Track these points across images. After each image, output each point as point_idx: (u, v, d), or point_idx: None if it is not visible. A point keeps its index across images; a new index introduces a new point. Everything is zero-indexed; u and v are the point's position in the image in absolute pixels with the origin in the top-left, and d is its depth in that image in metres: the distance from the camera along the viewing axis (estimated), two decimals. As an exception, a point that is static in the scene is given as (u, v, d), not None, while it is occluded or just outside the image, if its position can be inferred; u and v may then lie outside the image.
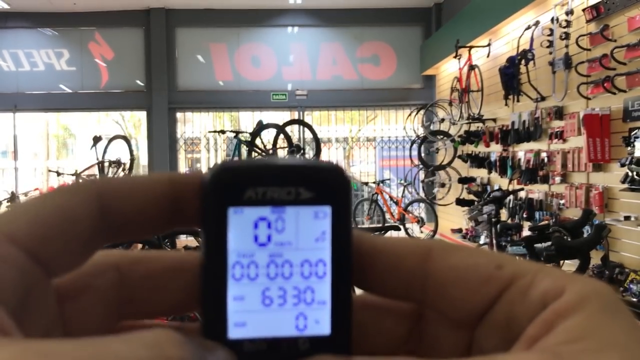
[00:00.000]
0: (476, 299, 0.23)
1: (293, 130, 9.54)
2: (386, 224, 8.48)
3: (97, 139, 8.00)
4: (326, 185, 0.24)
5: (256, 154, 7.12)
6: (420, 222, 9.02)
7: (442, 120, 8.52)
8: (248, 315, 0.23)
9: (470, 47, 7.18)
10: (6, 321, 0.19)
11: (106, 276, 0.24)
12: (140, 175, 0.24)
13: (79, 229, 0.22)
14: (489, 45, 6.95)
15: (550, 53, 5.26)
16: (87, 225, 0.23)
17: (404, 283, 0.24)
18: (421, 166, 8.86)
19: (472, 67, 7.20)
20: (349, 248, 0.24)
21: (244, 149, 7.23)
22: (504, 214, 6.04)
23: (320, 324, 0.24)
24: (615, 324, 0.20)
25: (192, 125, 10.54)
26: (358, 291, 0.27)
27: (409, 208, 9.21)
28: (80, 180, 0.23)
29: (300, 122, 9.52)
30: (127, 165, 8.09)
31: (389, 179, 10.17)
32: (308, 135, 9.05)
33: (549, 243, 3.16)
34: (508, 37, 6.56)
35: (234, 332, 0.23)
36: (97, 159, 7.99)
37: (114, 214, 0.23)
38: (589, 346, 0.19)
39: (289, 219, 0.24)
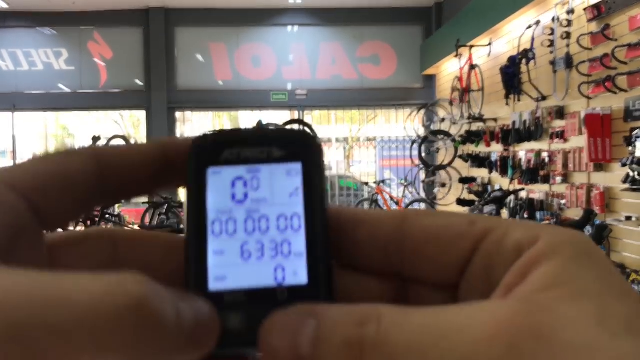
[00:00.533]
0: (452, 254, 0.24)
1: (293, 130, 9.53)
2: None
3: (96, 139, 7.99)
4: (296, 144, 0.26)
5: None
6: (421, 222, 9.01)
7: (443, 120, 8.52)
8: (228, 268, 0.24)
9: (471, 47, 7.17)
10: None
11: (101, 245, 0.25)
12: (131, 144, 0.26)
13: (75, 185, 0.24)
14: (489, 44, 6.95)
15: (551, 52, 5.25)
16: (83, 182, 0.24)
17: (383, 249, 0.25)
18: (422, 166, 8.85)
19: (472, 67, 7.19)
20: (322, 202, 0.26)
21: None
22: (504, 214, 6.03)
23: (298, 274, 0.25)
24: (589, 270, 0.20)
25: (192, 124, 10.53)
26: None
27: (410, 208, 9.20)
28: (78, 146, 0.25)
29: (300, 121, 9.51)
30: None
31: (389, 179, 10.16)
32: (308, 135, 9.04)
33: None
34: (509, 36, 6.55)
35: (214, 285, 0.24)
36: (97, 158, 7.99)
37: (110, 173, 0.25)
38: (563, 294, 0.19)
39: (263, 176, 0.26)
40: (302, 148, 0.26)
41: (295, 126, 9.43)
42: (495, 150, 6.83)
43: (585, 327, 0.18)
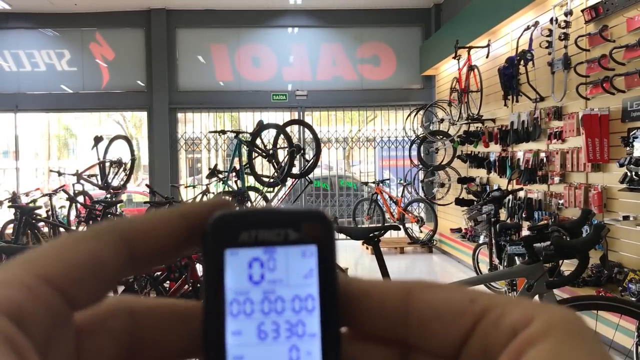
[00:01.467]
0: (453, 331, 0.25)
1: (293, 131, 9.56)
2: (386, 224, 8.49)
3: (98, 139, 8.02)
4: (311, 226, 0.26)
5: (256, 154, 7.13)
6: (420, 221, 9.04)
7: (442, 120, 8.54)
8: (245, 348, 0.25)
9: (470, 48, 7.20)
10: (30, 352, 0.21)
11: (121, 319, 0.26)
12: (155, 213, 0.27)
13: (107, 270, 0.24)
14: (488, 45, 6.96)
15: (550, 53, 5.27)
16: (114, 266, 0.25)
17: (389, 321, 0.26)
18: (421, 166, 8.88)
19: (471, 68, 7.21)
20: (335, 283, 0.26)
21: (244, 149, 7.24)
22: (503, 214, 6.06)
23: (311, 355, 0.26)
24: (580, 350, 0.21)
25: (193, 125, 10.55)
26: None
27: (409, 208, 9.23)
28: (105, 224, 0.26)
29: (301, 122, 9.54)
30: (128, 166, 8.11)
31: (388, 179, 10.18)
32: (308, 135, 9.07)
33: (548, 243, 3.17)
34: (507, 37, 6.58)
35: None
36: (98, 159, 8.01)
37: (139, 252, 0.26)
38: None
39: (279, 258, 0.26)
40: (317, 230, 0.27)
41: (297, 126, 9.35)
42: (494, 150, 6.86)
43: None
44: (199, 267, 4.88)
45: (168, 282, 4.49)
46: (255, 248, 0.26)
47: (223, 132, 7.85)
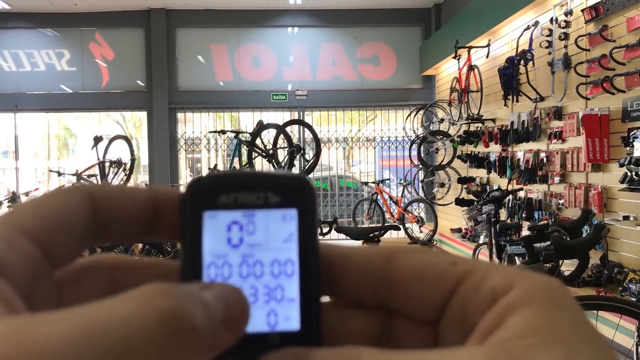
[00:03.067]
0: (434, 293, 0.25)
1: (293, 131, 9.56)
2: (386, 224, 8.49)
3: (97, 139, 8.01)
4: (292, 190, 0.26)
5: (256, 154, 7.13)
6: (420, 221, 9.03)
7: (442, 120, 8.54)
8: None
9: (470, 48, 7.20)
10: (14, 299, 0.21)
11: (100, 273, 0.27)
12: (127, 186, 0.27)
13: (76, 224, 0.25)
14: (488, 45, 6.96)
15: (550, 53, 5.27)
16: (82, 220, 0.25)
17: (371, 285, 0.26)
18: (421, 166, 8.87)
19: (471, 68, 7.20)
20: (315, 248, 0.26)
21: (244, 149, 7.24)
22: (503, 214, 6.06)
23: (290, 320, 0.25)
24: (561, 318, 0.21)
25: (193, 125, 10.55)
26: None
27: (409, 208, 9.23)
28: (77, 184, 0.26)
29: (301, 122, 9.54)
30: (128, 166, 8.10)
31: (388, 179, 10.18)
32: (308, 135, 9.07)
33: (548, 243, 3.17)
34: (507, 37, 6.58)
35: None
36: (98, 159, 8.00)
37: (103, 213, 0.26)
38: (536, 341, 0.20)
39: (259, 221, 0.26)
40: (298, 194, 0.26)
41: (297, 126, 9.35)
42: (494, 150, 6.86)
43: None
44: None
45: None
46: (234, 211, 0.26)
47: (223, 132, 7.85)
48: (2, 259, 0.22)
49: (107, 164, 8.00)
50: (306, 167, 7.33)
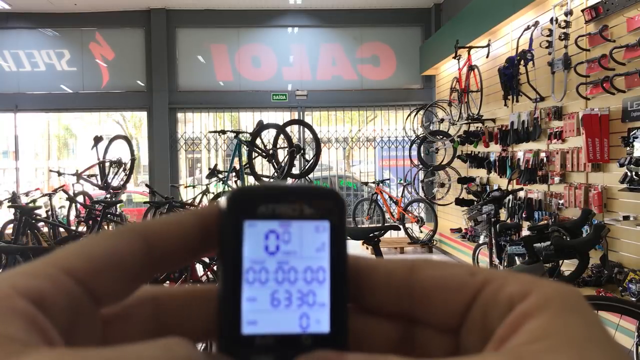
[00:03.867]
0: (454, 302, 0.26)
1: (293, 131, 9.56)
2: (386, 224, 8.49)
3: (98, 139, 8.01)
4: (325, 203, 0.28)
5: (256, 154, 7.13)
6: (420, 221, 9.04)
7: (442, 120, 8.54)
8: (259, 314, 0.27)
9: (470, 48, 7.20)
10: (52, 332, 0.23)
11: (145, 306, 0.28)
12: (171, 215, 0.28)
13: (126, 266, 0.26)
14: (488, 45, 6.96)
15: (550, 53, 5.27)
16: (134, 261, 0.26)
17: (395, 294, 0.28)
18: (421, 166, 8.87)
19: (471, 68, 7.21)
20: (345, 257, 0.28)
21: (244, 149, 7.24)
22: (503, 214, 6.06)
23: (320, 323, 0.27)
24: (575, 323, 0.22)
25: (193, 125, 10.55)
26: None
27: (409, 208, 9.23)
28: (125, 225, 0.27)
29: (300, 122, 9.54)
30: (128, 165, 8.11)
31: (388, 179, 10.18)
32: (308, 135, 9.07)
33: (548, 243, 3.17)
34: (507, 37, 6.58)
35: (247, 329, 0.27)
36: (98, 159, 8.01)
37: (156, 250, 0.27)
38: (549, 346, 0.21)
39: (294, 231, 0.28)
40: (330, 207, 0.28)
41: (297, 126, 9.35)
42: (494, 150, 6.85)
43: None
44: (199, 268, 4.88)
45: (168, 282, 4.50)
46: (272, 221, 0.28)
47: (223, 132, 7.85)
48: (43, 294, 0.23)
49: (107, 164, 8.01)
50: (306, 167, 7.33)
